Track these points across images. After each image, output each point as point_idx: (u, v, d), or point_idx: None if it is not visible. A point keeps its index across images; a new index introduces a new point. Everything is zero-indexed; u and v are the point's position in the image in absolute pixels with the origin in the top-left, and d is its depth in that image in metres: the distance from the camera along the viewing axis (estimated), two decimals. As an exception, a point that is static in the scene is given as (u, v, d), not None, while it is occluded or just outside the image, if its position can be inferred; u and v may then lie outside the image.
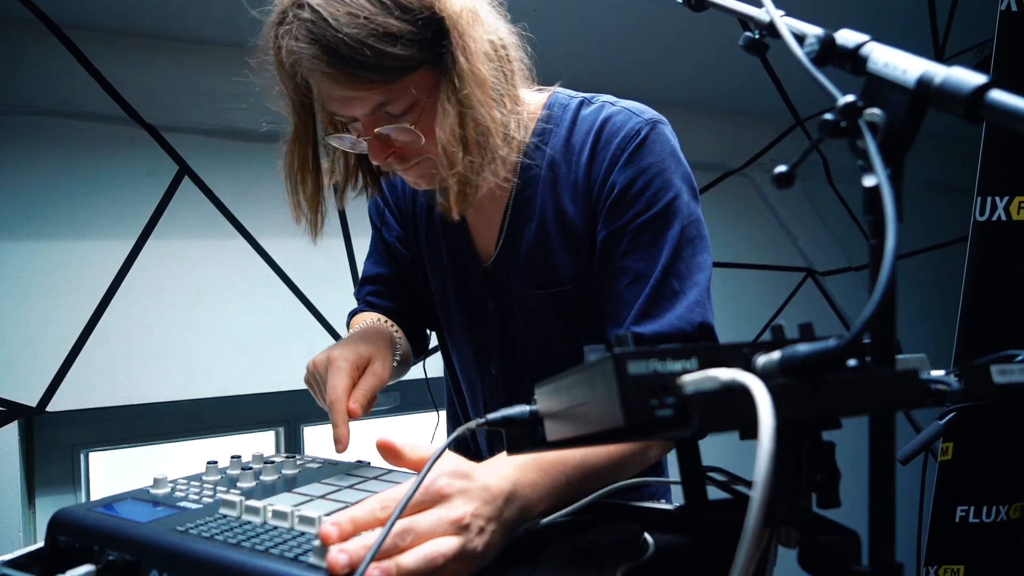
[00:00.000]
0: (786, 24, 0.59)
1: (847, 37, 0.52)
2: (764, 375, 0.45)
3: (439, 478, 0.62)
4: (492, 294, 1.01)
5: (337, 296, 1.94)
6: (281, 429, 1.97)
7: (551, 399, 0.53)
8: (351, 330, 1.06)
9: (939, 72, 0.44)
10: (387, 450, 0.70)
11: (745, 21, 0.66)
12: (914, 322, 3.00)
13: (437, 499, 0.61)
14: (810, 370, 0.41)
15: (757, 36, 0.65)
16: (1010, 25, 1.87)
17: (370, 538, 0.57)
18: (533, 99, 0.97)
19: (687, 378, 0.41)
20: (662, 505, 0.78)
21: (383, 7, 0.76)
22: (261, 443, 1.98)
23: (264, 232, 1.85)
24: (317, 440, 2.02)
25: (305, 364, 0.93)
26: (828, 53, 0.53)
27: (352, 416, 0.84)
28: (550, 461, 0.72)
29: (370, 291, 1.13)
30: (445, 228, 1.04)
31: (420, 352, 1.18)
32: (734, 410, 0.38)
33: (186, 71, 1.72)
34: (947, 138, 2.72)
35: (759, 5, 0.63)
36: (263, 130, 0.92)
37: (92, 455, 1.82)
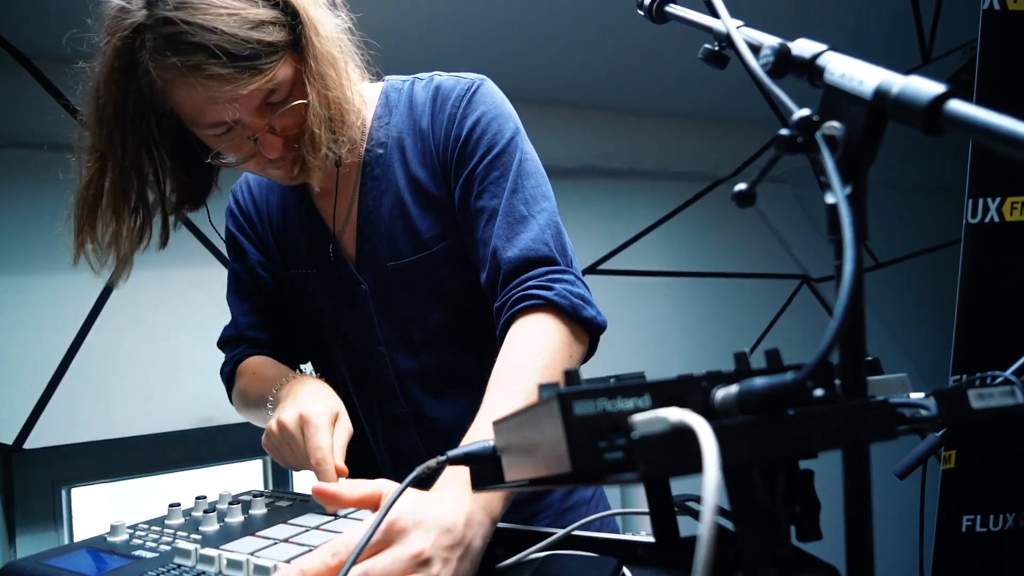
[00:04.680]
0: (743, 35, 0.57)
1: (804, 47, 0.49)
2: (723, 412, 0.42)
3: (390, 513, 0.59)
4: (362, 276, 1.01)
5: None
6: (268, 458, 1.93)
7: (507, 436, 0.50)
8: (248, 382, 1.07)
9: (896, 82, 0.42)
10: (324, 497, 0.68)
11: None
12: (913, 326, 2.97)
13: (392, 536, 0.59)
14: (768, 405, 0.38)
15: (716, 48, 0.62)
16: (993, 24, 1.85)
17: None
18: (368, 91, 1.01)
19: (636, 419, 0.38)
20: (642, 537, 0.75)
21: None
22: (248, 472, 1.94)
23: (244, 258, 1.82)
24: (306, 467, 1.99)
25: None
26: (784, 64, 0.50)
27: (340, 475, 0.81)
28: None
29: (246, 324, 1.12)
30: (302, 225, 1.04)
31: None
32: (684, 454, 0.35)
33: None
34: (943, 136, 2.70)
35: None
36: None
37: (77, 491, 1.78)
